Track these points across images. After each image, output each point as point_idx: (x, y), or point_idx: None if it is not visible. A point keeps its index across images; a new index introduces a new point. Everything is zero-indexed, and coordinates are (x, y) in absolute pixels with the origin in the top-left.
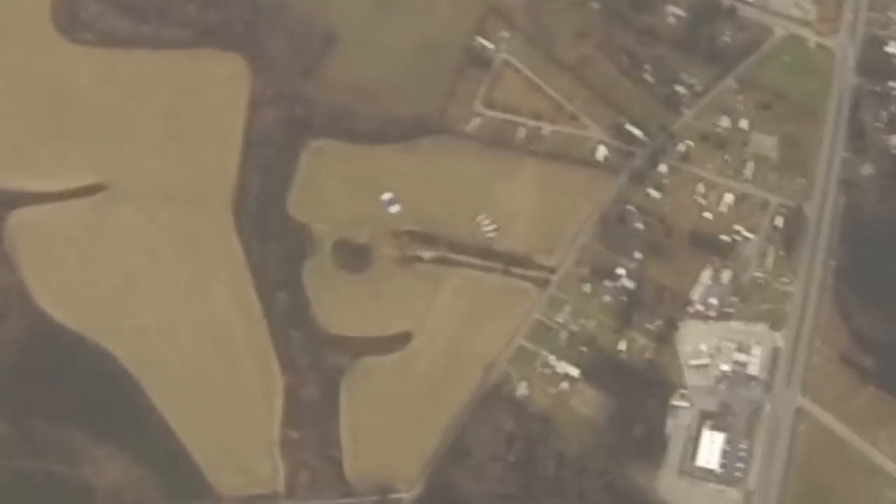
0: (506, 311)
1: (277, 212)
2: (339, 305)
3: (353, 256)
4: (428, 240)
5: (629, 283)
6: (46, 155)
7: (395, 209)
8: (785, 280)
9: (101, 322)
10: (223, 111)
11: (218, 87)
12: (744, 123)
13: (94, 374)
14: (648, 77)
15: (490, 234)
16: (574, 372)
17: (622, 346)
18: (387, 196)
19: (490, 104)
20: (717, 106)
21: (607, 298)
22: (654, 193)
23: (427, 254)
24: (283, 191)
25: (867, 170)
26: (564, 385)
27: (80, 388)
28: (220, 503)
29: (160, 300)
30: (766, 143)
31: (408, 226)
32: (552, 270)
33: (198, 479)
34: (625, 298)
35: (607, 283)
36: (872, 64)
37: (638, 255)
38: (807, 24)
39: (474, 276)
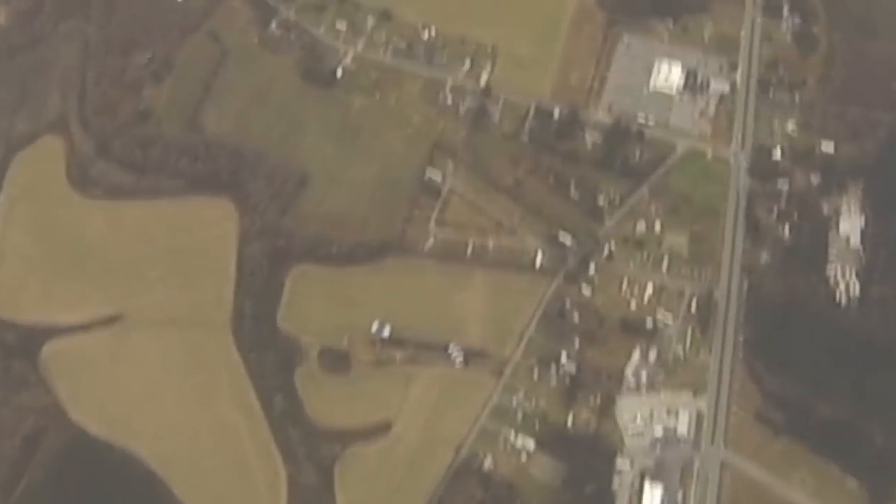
0: (469, 399)
1: (269, 328)
2: (328, 403)
3: (336, 361)
4: (398, 344)
5: (571, 367)
6: (70, 294)
7: (385, 332)
8: (703, 355)
9: (127, 430)
10: (217, 247)
11: (211, 227)
12: (657, 226)
13: (125, 475)
14: (574, 193)
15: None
16: (531, 445)
17: (570, 420)
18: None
19: (442, 225)
20: (634, 213)
21: (553, 381)
22: (587, 290)
23: (398, 355)
24: (273, 310)
25: (764, 258)
26: (523, 457)
27: (114, 487)
28: None
29: (175, 409)
30: (678, 241)
31: (381, 333)
32: (505, 362)
33: None
34: (568, 380)
35: (552, 368)
36: (762, 168)
37: (577, 342)
38: (703, 139)
39: (439, 372)
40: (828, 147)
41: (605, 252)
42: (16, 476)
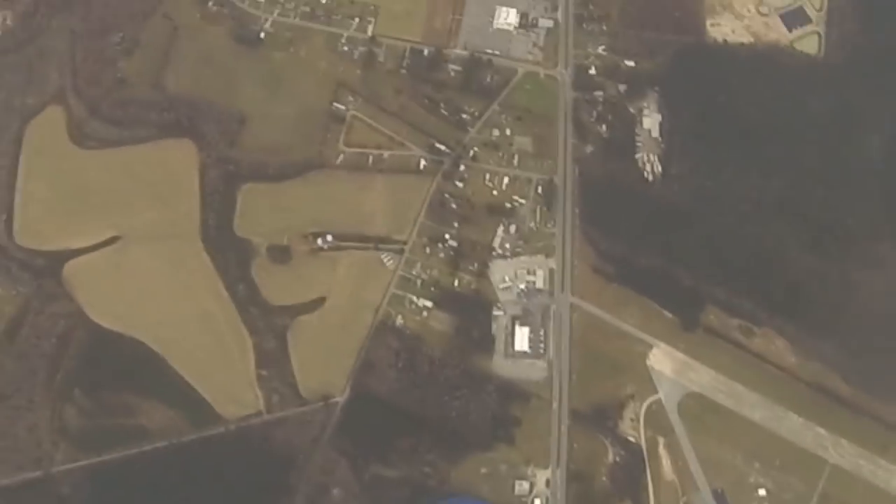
0: (381, 274)
1: (229, 234)
2: (277, 287)
3: (280, 255)
4: (325, 236)
5: (454, 243)
6: (79, 224)
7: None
8: (550, 226)
9: (132, 323)
10: (184, 176)
11: (178, 161)
12: (507, 132)
13: (135, 356)
14: (444, 111)
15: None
16: (429, 304)
17: (456, 282)
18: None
19: (349, 144)
20: (489, 123)
21: (441, 255)
22: (459, 184)
23: (325, 245)
24: (230, 220)
25: (589, 149)
26: (424, 314)
27: (128, 367)
28: (227, 425)
29: (166, 303)
30: (524, 142)
31: (311, 229)
32: (405, 243)
33: (211, 411)
34: (452, 253)
35: (440, 245)
36: (582, 82)
37: (456, 224)
38: (537, 63)
39: (357, 254)
40: (630, 63)
41: (471, 154)
42: (55, 368)
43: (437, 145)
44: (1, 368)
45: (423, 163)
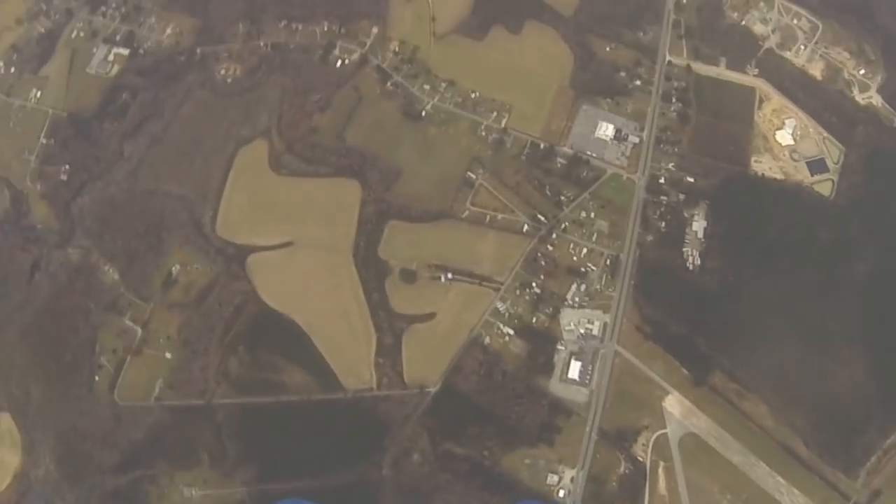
0: (480, 303)
1: (373, 255)
2: (402, 300)
3: (408, 276)
4: (444, 269)
5: (537, 290)
6: (265, 229)
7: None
8: (610, 290)
9: (291, 307)
10: (348, 206)
11: (346, 196)
12: (592, 215)
13: (287, 330)
14: (548, 192)
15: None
16: (511, 332)
17: (534, 320)
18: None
19: (473, 204)
20: (579, 206)
21: (527, 297)
22: (550, 248)
23: (443, 275)
24: (376, 245)
25: (649, 238)
26: (507, 338)
27: (280, 337)
28: (346, 393)
29: (319, 296)
30: (603, 225)
31: (434, 262)
32: (502, 284)
33: (336, 381)
34: (535, 297)
35: (527, 290)
36: (652, 187)
37: (542, 276)
38: (622, 167)
39: (465, 286)
40: (690, 179)
41: (562, 227)
42: (228, 328)
43: (539, 216)
44: (189, 322)
45: (526, 227)
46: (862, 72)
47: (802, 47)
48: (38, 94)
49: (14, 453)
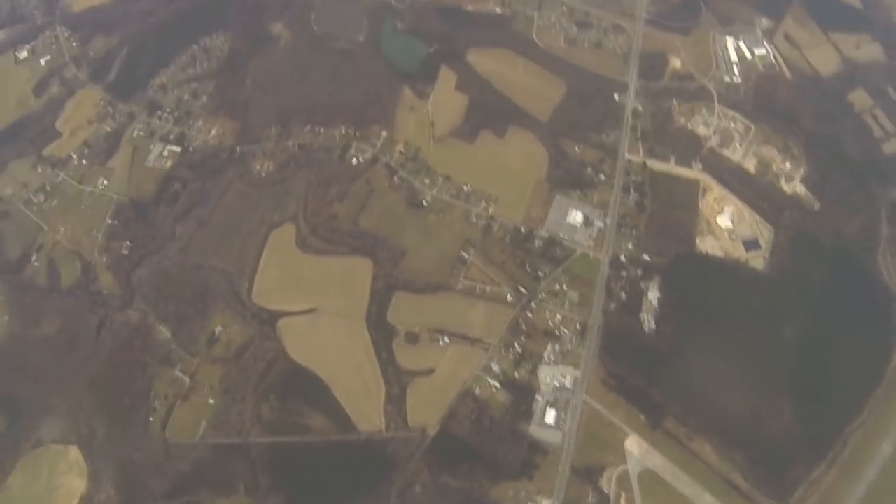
0: (472, 361)
1: (383, 320)
2: (406, 358)
3: (412, 338)
4: (442, 332)
5: (519, 350)
6: (293, 297)
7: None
8: (580, 350)
9: (315, 362)
10: (362, 281)
11: (360, 271)
12: (564, 287)
13: (311, 382)
14: (528, 268)
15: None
16: (497, 385)
17: (516, 375)
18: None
19: (466, 278)
20: (554, 280)
21: (511, 356)
22: (530, 315)
23: (441, 337)
24: (385, 312)
25: (612, 306)
26: (494, 390)
27: (304, 387)
28: (359, 435)
29: (337, 355)
30: (574, 295)
31: (434, 327)
32: (490, 345)
33: (351, 425)
34: (518, 356)
35: (511, 350)
36: (615, 264)
37: (523, 339)
38: (590, 248)
39: (460, 347)
40: (646, 257)
41: (540, 297)
42: (261, 380)
43: (521, 288)
44: (229, 374)
45: (509, 297)
46: (788, 165)
47: (738, 145)
48: (105, 182)
49: (81, 480)
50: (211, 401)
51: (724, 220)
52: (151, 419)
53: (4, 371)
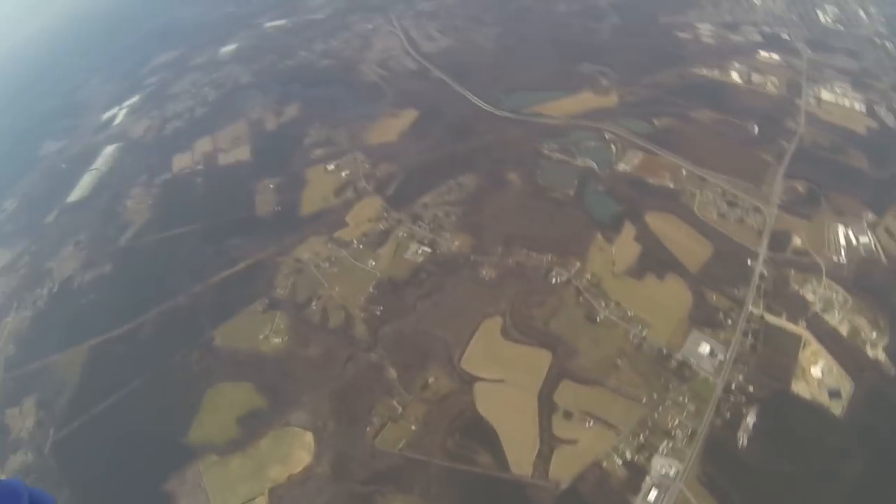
0: (606, 440)
1: (549, 398)
2: (560, 429)
3: (567, 415)
4: (590, 415)
5: (642, 439)
6: (488, 370)
7: None
8: (687, 450)
9: (493, 417)
10: (541, 367)
11: (541, 359)
12: (686, 399)
13: (485, 430)
14: (662, 382)
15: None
16: (620, 462)
17: (635, 458)
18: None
19: (616, 380)
20: (679, 392)
21: (635, 444)
22: (656, 415)
23: (589, 421)
24: (552, 392)
25: (718, 421)
26: (616, 465)
27: (481, 434)
28: (512, 475)
29: (511, 415)
30: (690, 407)
31: (587, 410)
32: (622, 431)
33: (507, 466)
34: (640, 444)
35: (636, 438)
36: (726, 389)
37: (647, 432)
38: (710, 374)
39: (601, 429)
40: (750, 389)
41: (666, 403)
42: (453, 421)
43: (654, 394)
44: (430, 412)
45: (644, 400)
46: (874, 335)
47: (837, 313)
48: (373, 263)
49: (308, 455)
50: (413, 427)
51: (816, 371)
52: (368, 429)
53: (279, 372)
